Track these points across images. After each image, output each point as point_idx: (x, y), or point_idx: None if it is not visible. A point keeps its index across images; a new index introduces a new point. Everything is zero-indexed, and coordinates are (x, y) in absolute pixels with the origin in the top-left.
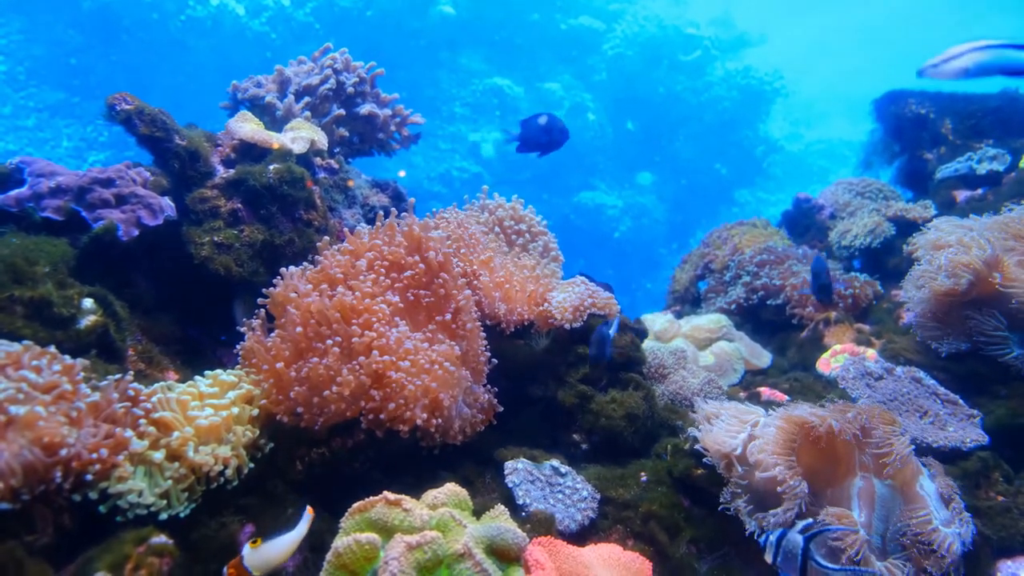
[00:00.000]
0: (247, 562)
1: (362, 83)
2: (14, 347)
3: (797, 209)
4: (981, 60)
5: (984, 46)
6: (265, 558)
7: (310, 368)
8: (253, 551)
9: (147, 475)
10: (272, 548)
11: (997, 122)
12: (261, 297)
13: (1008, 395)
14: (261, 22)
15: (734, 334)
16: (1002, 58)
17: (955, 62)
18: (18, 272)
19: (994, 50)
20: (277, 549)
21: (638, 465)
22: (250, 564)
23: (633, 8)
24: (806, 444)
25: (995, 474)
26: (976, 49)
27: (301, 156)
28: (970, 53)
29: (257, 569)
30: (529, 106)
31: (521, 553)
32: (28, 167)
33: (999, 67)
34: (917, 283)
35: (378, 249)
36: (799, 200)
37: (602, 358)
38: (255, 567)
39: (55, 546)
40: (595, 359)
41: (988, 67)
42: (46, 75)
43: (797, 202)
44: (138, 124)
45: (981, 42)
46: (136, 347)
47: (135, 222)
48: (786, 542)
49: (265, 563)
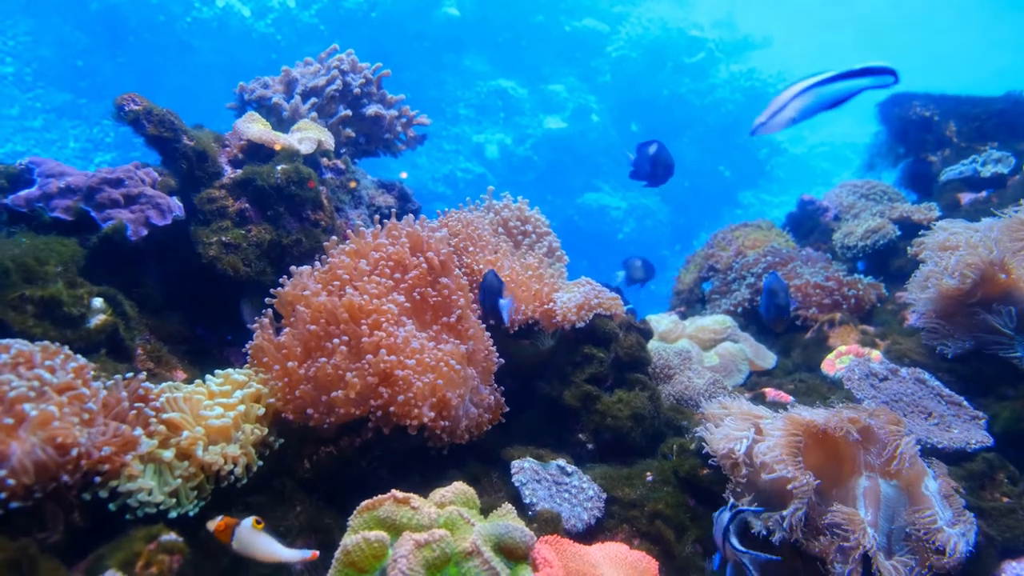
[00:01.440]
0: (238, 534)
1: (368, 84)
2: (28, 346)
3: (801, 211)
4: (803, 106)
5: (802, 90)
6: (252, 545)
7: (318, 368)
8: (251, 530)
9: (157, 473)
10: (264, 544)
11: (1002, 125)
12: (268, 297)
13: (1014, 396)
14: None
15: (739, 335)
16: (821, 96)
17: (781, 115)
18: (29, 272)
19: (812, 91)
20: (265, 548)
21: (644, 465)
22: (238, 538)
23: (637, 10)
24: (811, 445)
25: (1000, 475)
26: (796, 96)
27: (308, 156)
28: (792, 102)
29: (238, 545)
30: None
31: (529, 551)
32: (38, 167)
33: (822, 105)
34: (923, 284)
35: (383, 249)
36: (803, 202)
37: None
38: (239, 543)
39: (66, 543)
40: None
41: (812, 109)
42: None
43: (801, 204)
44: (146, 125)
45: (800, 84)
46: (145, 346)
47: (144, 222)
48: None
49: (248, 548)
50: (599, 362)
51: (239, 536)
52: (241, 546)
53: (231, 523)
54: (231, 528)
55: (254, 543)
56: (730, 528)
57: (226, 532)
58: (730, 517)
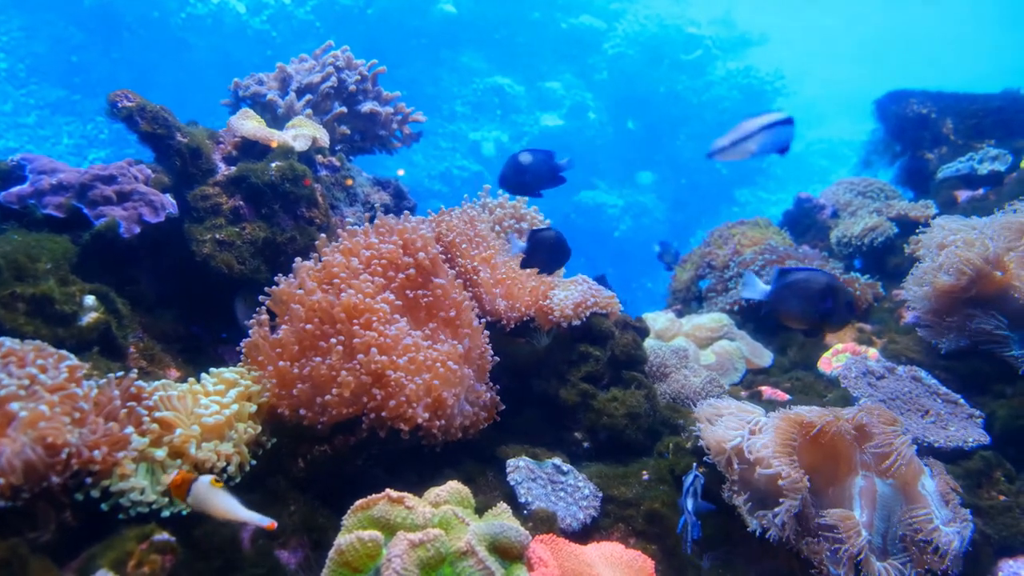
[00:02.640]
0: (195, 490)
1: (363, 81)
2: (19, 344)
3: (798, 208)
4: (768, 141)
5: (771, 123)
6: (209, 501)
7: (312, 367)
8: (209, 487)
9: (149, 473)
10: (222, 501)
11: (999, 122)
12: (262, 295)
13: (1011, 394)
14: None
15: (735, 333)
16: (785, 136)
17: (745, 144)
18: (20, 269)
19: (781, 128)
20: (222, 506)
21: (640, 463)
22: (195, 494)
23: (634, 7)
24: (807, 443)
25: (997, 473)
26: (764, 128)
27: (303, 154)
28: (758, 134)
29: (194, 501)
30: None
31: (524, 551)
32: (30, 164)
33: (782, 145)
34: (919, 281)
35: (375, 248)
36: (800, 199)
37: None
38: (195, 499)
39: (58, 543)
40: None
41: (773, 146)
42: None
43: (798, 201)
44: (140, 121)
45: (769, 117)
46: (138, 344)
47: (137, 219)
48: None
49: (204, 504)
50: (595, 360)
51: (195, 492)
52: (197, 502)
53: (188, 478)
54: (188, 483)
55: (211, 500)
56: (688, 490)
57: (182, 488)
58: (691, 480)
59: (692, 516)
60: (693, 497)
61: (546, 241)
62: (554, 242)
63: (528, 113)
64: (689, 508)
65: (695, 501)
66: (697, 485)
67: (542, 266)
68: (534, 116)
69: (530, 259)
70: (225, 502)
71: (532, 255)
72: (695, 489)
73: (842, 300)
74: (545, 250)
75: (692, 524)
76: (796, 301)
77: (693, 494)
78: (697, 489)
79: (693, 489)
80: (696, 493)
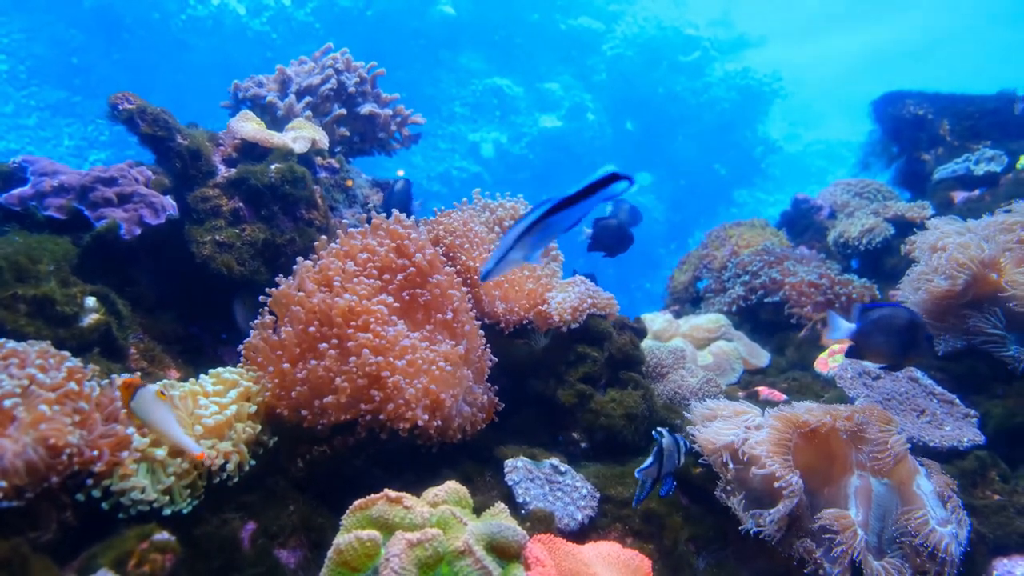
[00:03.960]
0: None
1: (363, 83)
2: (20, 345)
3: (796, 209)
4: (534, 240)
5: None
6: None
7: (310, 370)
8: (153, 397)
9: (150, 472)
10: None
11: (995, 123)
12: (262, 296)
13: (1005, 394)
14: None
15: (733, 334)
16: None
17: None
18: (21, 270)
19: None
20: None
21: (637, 463)
22: (138, 400)
23: (632, 9)
24: (802, 443)
25: (992, 473)
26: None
27: (302, 155)
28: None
29: (136, 407)
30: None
31: (521, 550)
32: (31, 166)
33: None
34: (915, 284)
35: (371, 250)
36: (798, 200)
37: None
38: (137, 406)
39: (59, 542)
40: None
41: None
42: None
43: (796, 202)
44: (140, 123)
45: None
46: (138, 345)
47: (137, 221)
48: None
49: (144, 413)
50: (593, 361)
51: (140, 397)
52: (138, 410)
53: (135, 382)
54: (135, 388)
55: (152, 411)
56: (654, 452)
57: (128, 390)
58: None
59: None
60: (657, 459)
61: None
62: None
63: (527, 114)
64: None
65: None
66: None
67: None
68: (533, 117)
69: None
70: (164, 417)
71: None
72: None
73: (922, 334)
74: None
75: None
76: (881, 337)
77: (657, 455)
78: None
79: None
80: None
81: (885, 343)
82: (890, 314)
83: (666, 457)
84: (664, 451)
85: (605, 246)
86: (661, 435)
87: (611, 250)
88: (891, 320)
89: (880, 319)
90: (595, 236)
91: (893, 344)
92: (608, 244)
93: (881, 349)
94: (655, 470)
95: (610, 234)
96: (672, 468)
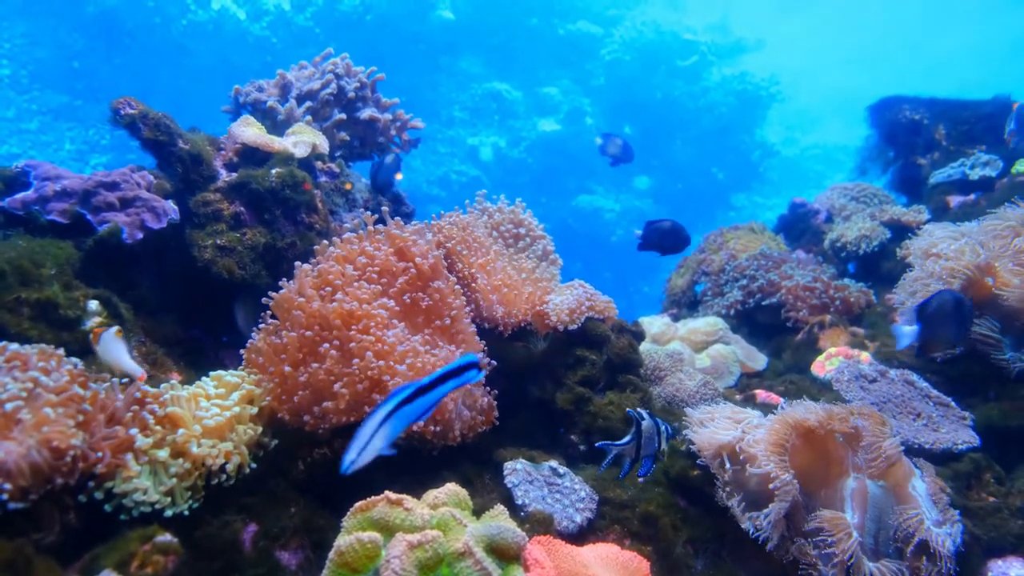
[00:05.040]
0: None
1: (363, 88)
2: (23, 348)
3: (793, 213)
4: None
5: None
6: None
7: (310, 373)
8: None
9: (152, 473)
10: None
11: (990, 128)
12: (263, 300)
13: (1000, 397)
14: (262, 27)
15: (730, 337)
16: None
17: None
18: (25, 274)
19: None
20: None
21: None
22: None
23: (631, 13)
24: (798, 445)
25: (986, 475)
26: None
27: (303, 160)
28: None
29: (101, 347)
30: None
31: (520, 552)
32: (34, 170)
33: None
34: (910, 288)
35: (369, 254)
36: (795, 204)
37: None
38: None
39: (62, 544)
40: None
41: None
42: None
43: (793, 206)
44: (142, 128)
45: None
46: (140, 348)
47: (139, 225)
48: None
49: (104, 350)
50: (591, 364)
51: (103, 339)
52: (102, 349)
53: (99, 331)
54: (98, 334)
55: (110, 346)
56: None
57: (95, 337)
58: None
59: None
60: (636, 438)
61: (661, 230)
62: (669, 230)
63: (526, 118)
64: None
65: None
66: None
67: (661, 251)
68: (532, 121)
69: (648, 246)
70: (117, 349)
71: (648, 242)
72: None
73: (968, 308)
74: (661, 236)
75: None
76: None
77: (636, 434)
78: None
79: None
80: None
81: (950, 331)
82: (939, 303)
83: (645, 438)
84: (643, 432)
85: (656, 245)
86: (641, 416)
87: (664, 249)
88: (943, 308)
89: (936, 312)
90: (645, 236)
91: (953, 329)
92: (657, 243)
93: (948, 338)
94: (633, 449)
95: (661, 235)
96: (652, 451)
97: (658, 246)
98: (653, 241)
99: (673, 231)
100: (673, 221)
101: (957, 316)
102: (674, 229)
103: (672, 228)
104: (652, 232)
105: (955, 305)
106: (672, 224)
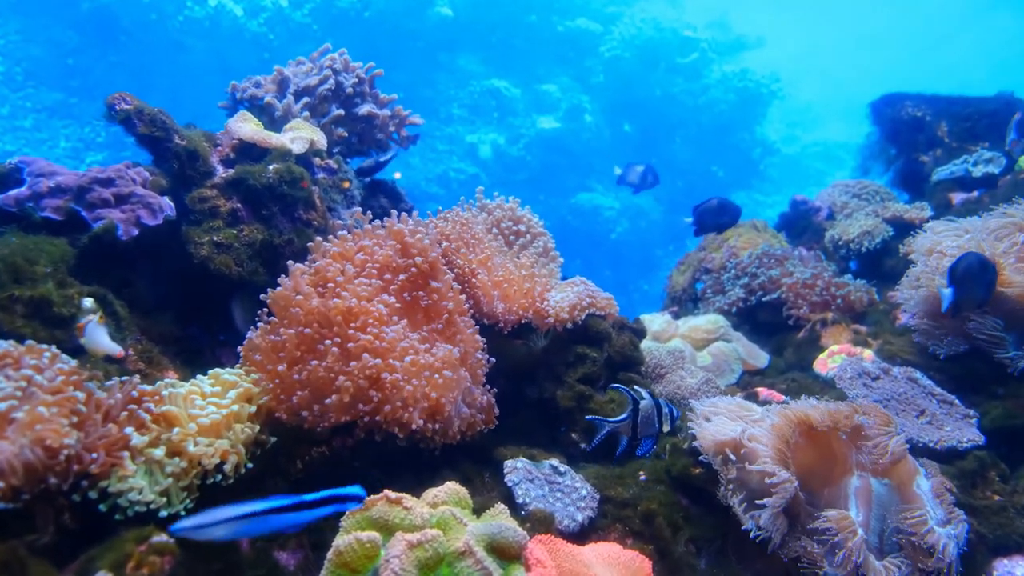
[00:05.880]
0: (88, 326)
1: (361, 84)
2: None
3: (794, 211)
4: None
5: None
6: (92, 334)
7: (310, 371)
8: (96, 323)
9: (147, 473)
10: (98, 334)
11: (992, 125)
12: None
13: (1005, 395)
14: (259, 23)
15: (732, 335)
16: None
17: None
18: (18, 271)
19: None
20: (96, 335)
21: (637, 464)
22: (88, 328)
23: (630, 10)
24: (802, 443)
25: (991, 473)
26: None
27: (300, 156)
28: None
29: (87, 337)
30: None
31: (521, 551)
32: (27, 167)
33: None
34: (914, 285)
35: (368, 251)
36: (796, 202)
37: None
38: (87, 332)
39: (57, 545)
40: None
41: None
42: (44, 76)
43: (794, 204)
44: (137, 124)
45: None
46: (136, 346)
47: (135, 222)
48: None
49: (89, 338)
50: (592, 362)
51: (88, 327)
52: (87, 337)
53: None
54: (83, 326)
55: (94, 333)
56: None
57: (80, 329)
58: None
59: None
60: (632, 416)
61: (711, 210)
62: (718, 208)
63: (525, 116)
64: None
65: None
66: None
67: (718, 230)
68: (531, 119)
69: (702, 229)
70: (99, 334)
71: (703, 226)
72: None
73: (992, 268)
74: (715, 215)
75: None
76: (973, 286)
77: (632, 412)
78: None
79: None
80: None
81: (979, 291)
82: (967, 264)
83: (642, 417)
84: (641, 411)
85: (712, 226)
86: (639, 394)
87: (721, 227)
88: (970, 269)
89: (965, 273)
90: (698, 220)
91: (981, 289)
92: (713, 223)
93: (977, 295)
94: (628, 427)
95: (715, 214)
96: (652, 432)
97: (714, 226)
98: (708, 223)
99: (722, 207)
100: (719, 197)
101: (983, 277)
102: (722, 205)
103: (720, 204)
104: (703, 215)
105: (980, 267)
106: (719, 201)
